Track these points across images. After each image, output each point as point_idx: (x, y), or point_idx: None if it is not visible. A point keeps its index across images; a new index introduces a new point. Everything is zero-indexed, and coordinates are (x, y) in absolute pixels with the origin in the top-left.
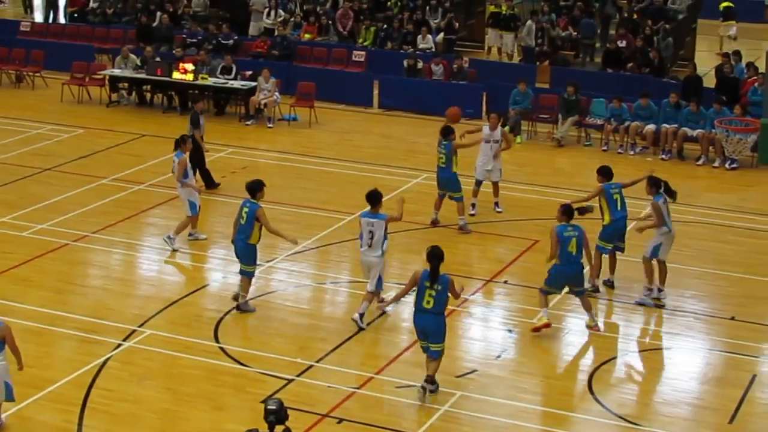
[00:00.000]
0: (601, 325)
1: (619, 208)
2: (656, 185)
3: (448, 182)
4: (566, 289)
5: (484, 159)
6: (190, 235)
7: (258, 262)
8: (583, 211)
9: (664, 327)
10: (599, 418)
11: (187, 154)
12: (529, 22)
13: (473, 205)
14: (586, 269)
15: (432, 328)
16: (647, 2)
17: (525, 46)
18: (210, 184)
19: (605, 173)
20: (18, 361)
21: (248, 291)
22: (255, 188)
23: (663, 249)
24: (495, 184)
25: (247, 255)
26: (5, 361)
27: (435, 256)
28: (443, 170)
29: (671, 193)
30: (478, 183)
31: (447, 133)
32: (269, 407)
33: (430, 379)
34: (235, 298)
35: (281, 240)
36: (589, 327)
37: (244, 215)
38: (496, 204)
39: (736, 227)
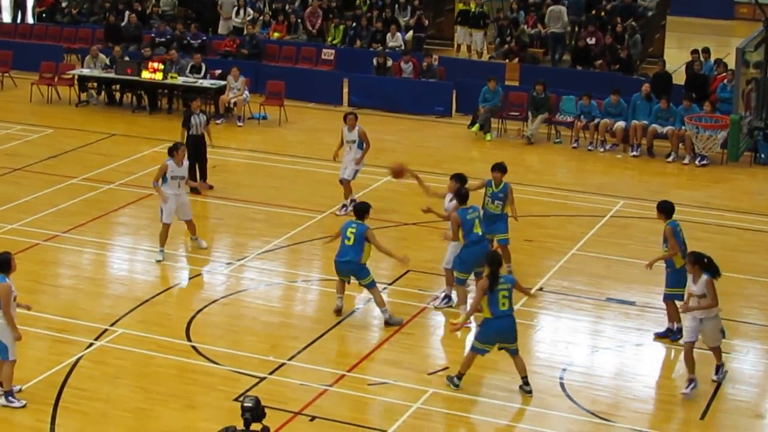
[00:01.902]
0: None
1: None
2: (700, 262)
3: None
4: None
5: (345, 158)
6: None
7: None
8: None
9: (634, 323)
10: (571, 415)
11: (175, 159)
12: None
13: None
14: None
15: (511, 330)
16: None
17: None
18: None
19: (667, 210)
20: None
21: (383, 302)
22: (364, 210)
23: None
24: (343, 183)
25: (361, 271)
26: (0, 320)
27: (495, 260)
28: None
29: (716, 270)
30: (342, 182)
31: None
32: (245, 404)
33: (527, 379)
34: (338, 311)
35: (251, 238)
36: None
37: (350, 236)
38: (344, 206)
39: (706, 224)
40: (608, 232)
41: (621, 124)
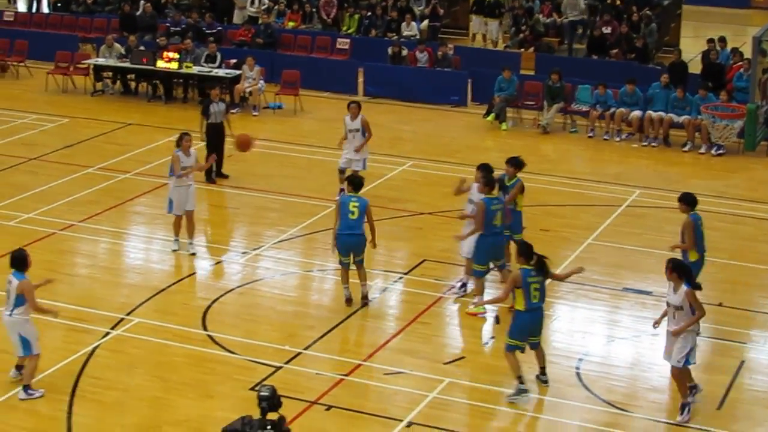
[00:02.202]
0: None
1: None
2: (678, 269)
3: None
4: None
5: (348, 147)
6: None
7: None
8: None
9: (651, 313)
10: (587, 404)
11: (182, 150)
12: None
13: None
14: None
15: (541, 324)
16: None
17: None
18: (216, 174)
19: (690, 202)
20: (45, 313)
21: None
22: (361, 183)
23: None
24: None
25: (364, 244)
26: (23, 316)
27: (531, 251)
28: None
29: (698, 286)
30: (341, 171)
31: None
32: (262, 394)
33: (545, 370)
34: (349, 301)
35: (266, 227)
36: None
37: (354, 209)
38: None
39: (722, 213)
40: (624, 221)
41: (637, 113)
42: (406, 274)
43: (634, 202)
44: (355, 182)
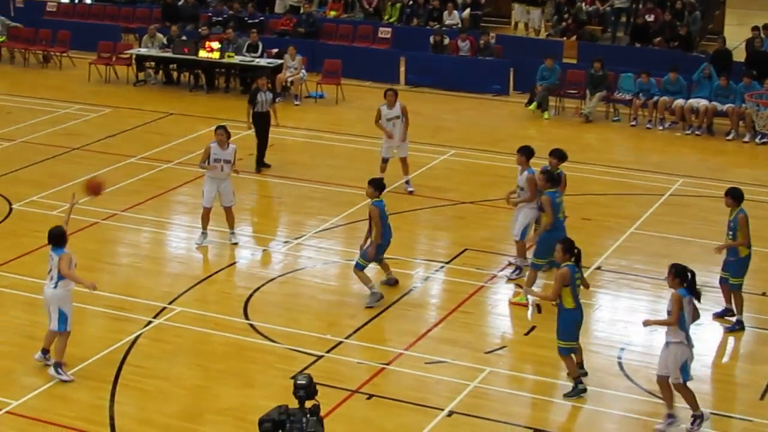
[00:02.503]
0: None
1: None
2: (681, 275)
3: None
4: None
5: (395, 135)
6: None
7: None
8: None
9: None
10: (629, 394)
11: (219, 143)
12: None
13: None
14: None
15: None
16: None
17: None
18: (258, 163)
19: (739, 197)
20: (81, 284)
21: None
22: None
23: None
24: (403, 160)
25: None
26: (64, 289)
27: (574, 247)
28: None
29: (696, 292)
30: (385, 161)
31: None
32: (299, 382)
33: (582, 363)
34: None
35: (308, 216)
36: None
37: (387, 214)
38: (408, 183)
39: (765, 203)
40: (667, 210)
41: (680, 101)
42: (447, 263)
43: (677, 191)
44: (380, 185)
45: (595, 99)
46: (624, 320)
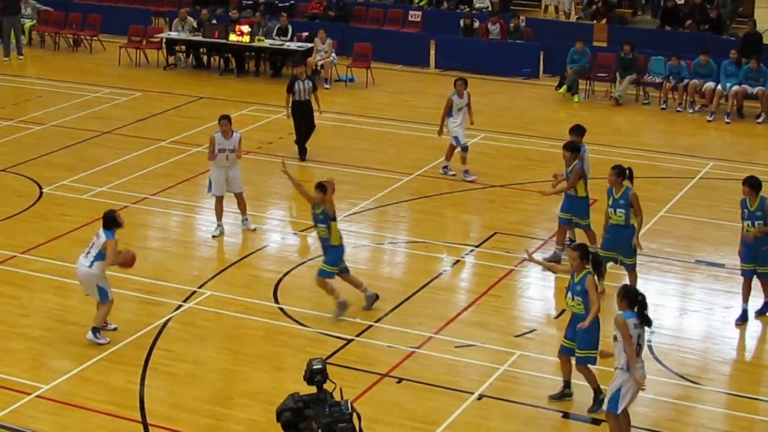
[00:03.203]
0: None
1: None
2: (630, 298)
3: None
4: None
5: (458, 123)
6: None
7: None
8: None
9: (723, 286)
10: (659, 377)
11: (224, 133)
12: None
13: (467, 172)
14: None
15: None
16: None
17: None
18: (302, 153)
19: (758, 185)
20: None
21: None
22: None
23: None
24: (452, 147)
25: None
26: (99, 269)
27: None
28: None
29: (646, 319)
30: (465, 148)
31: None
32: (316, 367)
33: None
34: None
35: (338, 200)
36: None
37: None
38: (466, 172)
39: None
40: (697, 193)
41: (710, 84)
42: (477, 246)
43: (707, 174)
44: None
45: (625, 82)
46: (654, 303)
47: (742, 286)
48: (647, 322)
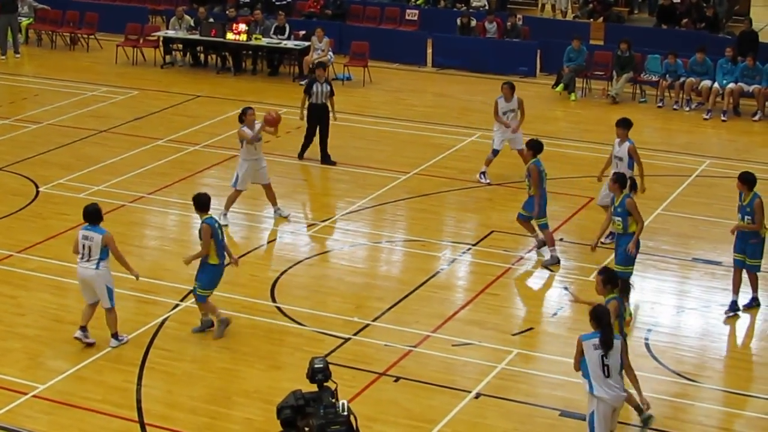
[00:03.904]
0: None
1: None
2: (611, 282)
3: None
4: None
5: (503, 129)
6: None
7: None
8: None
9: (720, 283)
10: (657, 375)
11: (246, 123)
12: None
13: (483, 173)
14: None
15: None
16: None
17: None
18: (325, 158)
19: (752, 181)
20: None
21: None
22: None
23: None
24: (520, 152)
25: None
26: (107, 268)
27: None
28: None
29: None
30: (495, 152)
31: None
32: (317, 366)
33: None
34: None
35: (336, 199)
36: None
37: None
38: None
39: None
40: (694, 191)
41: (707, 83)
42: (474, 245)
43: (703, 171)
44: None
45: (622, 80)
46: (651, 301)
47: (732, 277)
48: (607, 345)
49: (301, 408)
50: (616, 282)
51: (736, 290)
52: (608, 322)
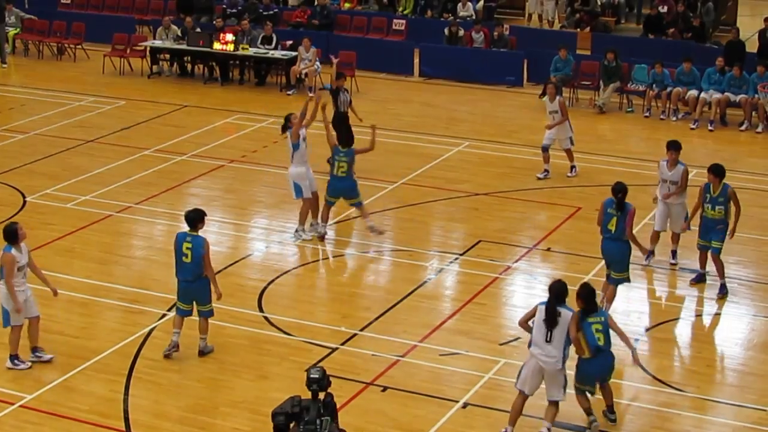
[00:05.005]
0: None
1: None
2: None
3: (348, 190)
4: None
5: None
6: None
7: None
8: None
9: (707, 293)
10: (643, 385)
11: (293, 133)
12: None
13: (546, 171)
14: None
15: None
16: None
17: None
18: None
19: (722, 172)
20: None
21: None
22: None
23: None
24: (567, 151)
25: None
26: (6, 286)
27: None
28: (343, 179)
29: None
30: (544, 149)
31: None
32: (312, 376)
33: (612, 408)
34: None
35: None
36: None
37: (187, 252)
38: (571, 168)
39: None
40: None
41: (693, 92)
42: (461, 254)
43: (691, 181)
44: (189, 218)
45: (608, 90)
46: (638, 311)
47: (699, 257)
48: (550, 319)
49: (297, 415)
50: (590, 300)
51: (702, 266)
52: (558, 296)
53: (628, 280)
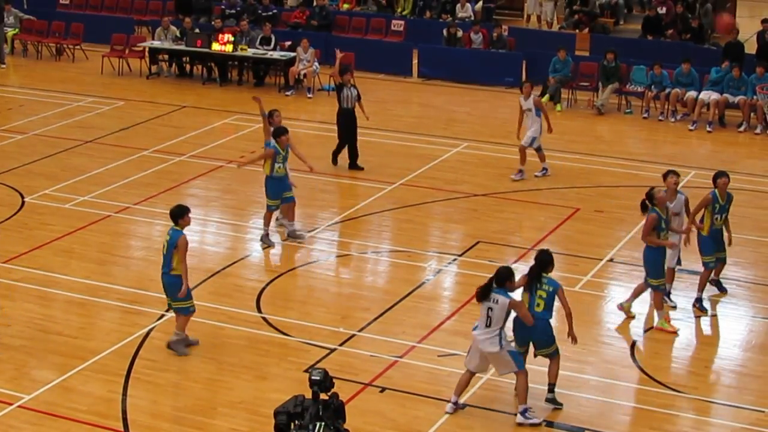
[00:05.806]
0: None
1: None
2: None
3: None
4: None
5: (530, 127)
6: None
7: None
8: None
9: (706, 294)
10: (641, 386)
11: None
12: None
13: (544, 168)
14: None
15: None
16: None
17: None
18: (351, 164)
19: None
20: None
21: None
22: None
23: None
24: (521, 150)
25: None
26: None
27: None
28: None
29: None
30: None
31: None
32: (313, 378)
33: (553, 387)
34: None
35: (321, 209)
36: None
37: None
38: (518, 171)
39: None
40: None
41: (692, 93)
42: (460, 255)
43: (689, 182)
44: (171, 213)
45: (607, 91)
46: (637, 312)
47: (700, 277)
48: (482, 295)
49: (299, 415)
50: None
51: (701, 289)
52: (499, 279)
53: (663, 288)
